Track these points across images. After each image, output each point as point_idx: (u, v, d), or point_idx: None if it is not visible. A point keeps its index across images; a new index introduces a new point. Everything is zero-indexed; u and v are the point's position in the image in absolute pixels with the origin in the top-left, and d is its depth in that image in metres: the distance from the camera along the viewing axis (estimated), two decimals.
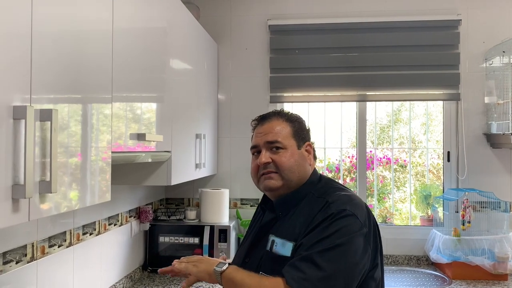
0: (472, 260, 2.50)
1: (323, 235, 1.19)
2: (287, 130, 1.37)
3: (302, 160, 1.37)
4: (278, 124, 1.38)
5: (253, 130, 1.45)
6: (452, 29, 2.87)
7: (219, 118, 3.02)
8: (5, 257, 1.45)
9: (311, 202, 1.31)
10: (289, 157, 1.34)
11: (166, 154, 1.93)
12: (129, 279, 2.40)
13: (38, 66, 0.99)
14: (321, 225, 1.21)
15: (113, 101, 1.38)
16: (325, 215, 1.23)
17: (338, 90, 2.95)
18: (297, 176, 1.35)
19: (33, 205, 0.96)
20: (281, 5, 3.00)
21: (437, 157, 3.86)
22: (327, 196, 1.30)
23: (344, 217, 1.21)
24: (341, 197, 1.29)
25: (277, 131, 1.36)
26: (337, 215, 1.22)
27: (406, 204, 4.25)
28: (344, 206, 1.24)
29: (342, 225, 1.20)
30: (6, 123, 0.89)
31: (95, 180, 1.27)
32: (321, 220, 1.22)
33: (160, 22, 1.88)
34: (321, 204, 1.27)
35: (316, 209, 1.27)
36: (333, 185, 1.38)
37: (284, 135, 1.36)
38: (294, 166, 1.34)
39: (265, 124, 1.40)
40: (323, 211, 1.25)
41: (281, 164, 1.33)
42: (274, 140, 1.35)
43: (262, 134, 1.38)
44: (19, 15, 0.94)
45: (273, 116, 1.41)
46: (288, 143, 1.36)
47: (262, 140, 1.37)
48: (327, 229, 1.20)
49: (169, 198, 3.05)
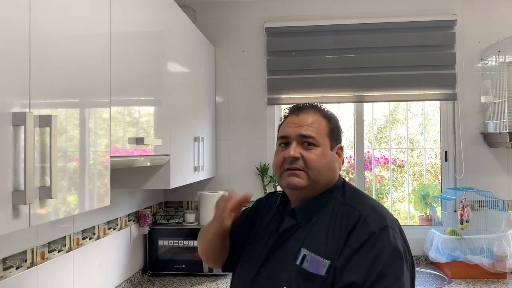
0: (471, 259, 2.50)
1: (375, 269, 1.06)
2: (323, 127, 1.24)
3: (333, 162, 1.25)
4: (315, 119, 1.25)
5: (283, 119, 1.32)
6: (448, 29, 2.88)
7: (217, 121, 3.03)
8: (5, 263, 1.45)
9: (338, 210, 1.19)
10: (320, 156, 1.21)
11: (164, 158, 1.93)
12: (129, 283, 2.40)
13: (36, 71, 0.99)
14: (364, 249, 1.09)
15: (111, 105, 1.39)
16: (365, 234, 1.10)
17: (335, 92, 2.96)
18: (324, 179, 1.22)
19: (33, 210, 0.96)
20: (277, 8, 3.01)
21: (435, 157, 3.87)
22: (357, 205, 1.19)
23: (387, 236, 1.10)
24: (375, 208, 1.18)
25: (313, 125, 1.23)
26: (379, 234, 1.10)
27: (404, 204, 4.26)
28: (384, 221, 1.13)
29: (389, 251, 1.08)
30: (6, 129, 0.89)
31: (94, 184, 1.27)
32: (362, 242, 1.09)
33: (157, 25, 1.88)
34: (355, 217, 1.14)
35: (349, 222, 1.14)
36: (358, 192, 1.28)
37: (319, 131, 1.23)
38: (324, 168, 1.21)
39: (301, 115, 1.25)
40: (360, 227, 1.12)
41: (311, 163, 1.20)
42: (308, 134, 1.21)
43: (296, 126, 1.24)
44: (18, 21, 0.94)
45: (310, 108, 1.28)
46: (322, 141, 1.23)
47: (295, 132, 1.23)
48: (375, 259, 1.07)
49: (168, 202, 3.05)
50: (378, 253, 1.07)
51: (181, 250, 2.63)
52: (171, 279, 2.56)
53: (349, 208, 1.18)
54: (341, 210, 1.19)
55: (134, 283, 2.46)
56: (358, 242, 1.10)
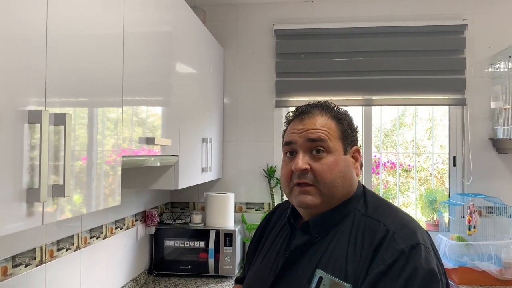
0: (479, 265, 2.49)
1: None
2: (334, 130, 1.08)
3: (348, 169, 1.08)
4: (323, 121, 1.09)
5: (286, 125, 1.16)
6: (458, 34, 2.87)
7: (225, 122, 3.03)
8: (15, 260, 1.45)
9: (360, 223, 1.04)
10: (332, 165, 1.05)
11: (173, 158, 1.93)
12: (135, 283, 2.40)
13: (52, 70, 0.99)
14: (393, 272, 0.93)
15: (123, 105, 1.39)
16: (393, 254, 0.94)
17: (344, 95, 2.95)
18: (340, 191, 1.06)
19: (46, 209, 0.96)
20: (287, 10, 3.01)
21: (441, 162, 3.85)
22: (383, 218, 1.02)
23: (419, 255, 0.94)
24: (403, 222, 1.02)
25: (321, 128, 1.07)
26: (410, 253, 0.94)
27: (410, 209, 4.24)
28: (415, 237, 0.97)
29: (423, 274, 0.92)
30: (21, 127, 0.89)
31: (105, 184, 1.27)
32: (390, 263, 0.93)
33: (167, 26, 1.89)
34: (381, 233, 0.98)
35: (373, 239, 0.98)
36: (383, 202, 1.12)
37: (330, 135, 1.07)
38: (338, 179, 1.05)
39: (306, 119, 1.09)
40: (387, 246, 0.96)
41: (322, 175, 1.04)
42: (317, 137, 1.06)
43: (302, 130, 1.08)
44: (35, 20, 0.94)
45: (316, 110, 1.11)
46: (334, 146, 1.06)
47: (301, 138, 1.07)
48: (406, 284, 0.91)
49: (174, 202, 3.05)
50: (409, 277, 0.92)
51: (187, 251, 2.63)
52: (177, 280, 2.56)
53: (372, 221, 1.02)
54: (363, 223, 1.03)
55: (140, 283, 2.46)
56: (385, 264, 0.94)
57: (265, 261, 1.16)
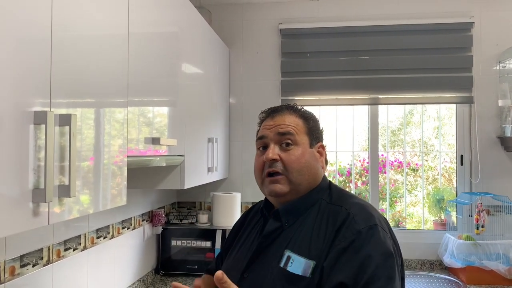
0: (487, 264, 2.47)
1: (366, 270, 1.01)
2: (301, 126, 1.22)
3: (314, 160, 1.21)
4: (292, 119, 1.22)
5: (260, 124, 1.29)
6: (465, 31, 2.85)
7: (231, 122, 3.03)
8: (22, 260, 1.47)
9: (325, 210, 1.16)
10: (299, 156, 1.18)
11: (179, 158, 1.94)
12: (142, 283, 2.41)
13: (57, 71, 1.00)
14: (353, 248, 1.04)
15: (128, 105, 1.40)
16: (353, 233, 1.06)
17: (350, 94, 2.94)
18: (306, 180, 1.19)
19: (52, 209, 0.97)
20: (292, 9, 3.01)
21: (449, 161, 3.82)
22: (345, 204, 1.15)
23: (376, 234, 1.07)
24: (363, 207, 1.14)
25: (290, 124, 1.21)
26: (368, 232, 1.07)
27: (418, 208, 4.21)
28: (373, 220, 1.10)
29: (379, 251, 1.05)
30: (27, 128, 0.90)
31: (111, 184, 1.28)
32: (350, 241, 1.05)
33: (173, 26, 1.89)
34: (342, 216, 1.11)
35: (336, 221, 1.11)
36: (346, 193, 1.24)
37: (297, 129, 1.20)
38: (304, 168, 1.18)
39: (277, 117, 1.23)
40: (348, 226, 1.08)
41: (290, 164, 1.17)
42: (286, 131, 1.19)
43: (272, 126, 1.21)
44: (40, 21, 0.95)
45: (285, 110, 1.25)
46: (301, 140, 1.20)
47: (272, 132, 1.20)
48: (365, 259, 1.03)
49: (181, 202, 3.06)
50: (368, 253, 1.03)
51: (194, 251, 2.63)
52: (184, 279, 2.57)
53: (336, 207, 1.15)
54: (327, 210, 1.15)
55: (147, 282, 2.47)
56: (346, 241, 1.05)
57: (240, 251, 1.26)
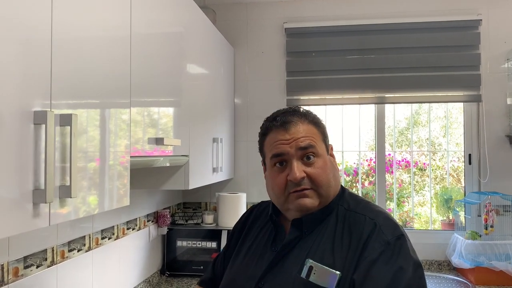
0: (496, 265, 2.43)
1: (399, 281, 1.00)
2: (316, 133, 1.14)
3: (334, 168, 1.16)
4: (306, 127, 1.13)
5: (264, 135, 1.19)
6: (473, 29, 2.81)
7: (236, 122, 3.02)
8: (26, 261, 1.46)
9: (345, 217, 1.11)
10: (324, 167, 1.11)
11: (183, 158, 1.93)
12: (147, 284, 2.40)
13: (58, 72, 0.99)
14: (383, 259, 1.02)
15: (131, 106, 1.39)
16: (382, 244, 1.04)
17: (356, 93, 2.92)
18: (333, 190, 1.14)
19: (53, 210, 0.96)
20: (297, 8, 2.99)
21: (457, 160, 3.78)
22: (367, 212, 1.11)
23: (404, 245, 1.05)
24: (387, 217, 1.11)
25: (307, 135, 1.12)
26: (396, 243, 1.04)
27: (425, 208, 4.18)
28: (399, 230, 1.08)
29: (410, 262, 1.03)
30: (27, 128, 0.89)
31: (113, 184, 1.27)
32: (380, 252, 1.03)
33: (177, 26, 1.88)
34: (369, 226, 1.07)
35: (363, 231, 1.06)
36: (360, 198, 1.20)
37: (315, 139, 1.13)
38: (331, 179, 1.12)
39: (291, 129, 1.12)
40: (376, 237, 1.05)
41: (318, 178, 1.10)
42: (307, 145, 1.10)
43: (290, 141, 1.11)
44: (39, 22, 0.94)
45: (296, 118, 1.15)
46: (320, 149, 1.13)
47: (292, 147, 1.10)
48: (398, 270, 1.01)
49: (186, 202, 3.05)
50: (399, 265, 1.01)
51: (199, 251, 2.62)
52: (189, 280, 2.56)
53: (358, 216, 1.10)
54: (348, 218, 1.11)
55: (152, 283, 2.47)
56: (376, 253, 1.02)
57: (247, 258, 1.19)
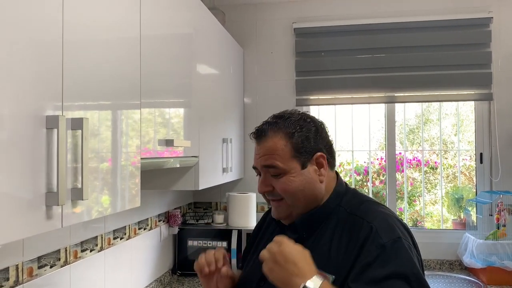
0: (508, 265, 2.41)
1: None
2: (287, 150, 1.14)
3: (308, 182, 1.15)
4: (275, 143, 1.14)
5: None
6: (484, 27, 2.79)
7: (245, 122, 3.03)
8: (40, 261, 1.49)
9: (345, 221, 1.13)
10: (288, 183, 1.13)
11: (193, 159, 1.95)
12: (159, 283, 2.43)
13: (69, 74, 1.01)
14: (378, 263, 1.02)
15: (142, 107, 1.41)
16: (377, 247, 1.04)
17: (366, 92, 2.91)
18: (303, 202, 1.15)
19: (65, 211, 0.98)
20: (306, 8, 2.99)
21: (469, 159, 3.75)
22: (366, 215, 1.11)
23: (401, 249, 1.05)
24: (385, 218, 1.11)
25: (273, 152, 1.14)
26: (392, 246, 1.04)
27: (437, 207, 4.15)
28: (396, 232, 1.07)
29: (404, 265, 1.03)
30: (40, 132, 0.91)
31: (125, 185, 1.29)
32: (375, 256, 1.03)
33: (186, 28, 1.90)
34: (366, 230, 1.07)
35: (359, 235, 1.07)
36: (365, 198, 1.21)
37: (282, 157, 1.13)
38: (297, 192, 1.14)
39: (261, 144, 1.17)
40: (372, 241, 1.05)
41: (282, 192, 1.15)
42: (269, 164, 1.14)
43: (259, 156, 1.17)
44: (51, 24, 0.96)
45: (269, 131, 1.17)
46: (288, 166, 1.13)
47: (258, 163, 1.18)
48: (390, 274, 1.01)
49: (197, 202, 3.07)
50: (395, 269, 1.01)
51: None
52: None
53: (357, 219, 1.11)
54: (348, 221, 1.12)
55: (164, 283, 2.49)
56: (371, 256, 1.03)
57: (256, 261, 1.20)
